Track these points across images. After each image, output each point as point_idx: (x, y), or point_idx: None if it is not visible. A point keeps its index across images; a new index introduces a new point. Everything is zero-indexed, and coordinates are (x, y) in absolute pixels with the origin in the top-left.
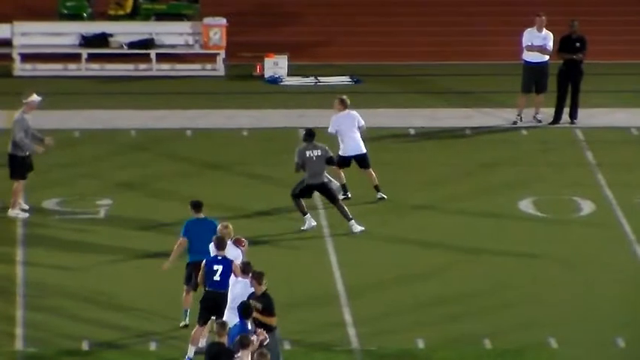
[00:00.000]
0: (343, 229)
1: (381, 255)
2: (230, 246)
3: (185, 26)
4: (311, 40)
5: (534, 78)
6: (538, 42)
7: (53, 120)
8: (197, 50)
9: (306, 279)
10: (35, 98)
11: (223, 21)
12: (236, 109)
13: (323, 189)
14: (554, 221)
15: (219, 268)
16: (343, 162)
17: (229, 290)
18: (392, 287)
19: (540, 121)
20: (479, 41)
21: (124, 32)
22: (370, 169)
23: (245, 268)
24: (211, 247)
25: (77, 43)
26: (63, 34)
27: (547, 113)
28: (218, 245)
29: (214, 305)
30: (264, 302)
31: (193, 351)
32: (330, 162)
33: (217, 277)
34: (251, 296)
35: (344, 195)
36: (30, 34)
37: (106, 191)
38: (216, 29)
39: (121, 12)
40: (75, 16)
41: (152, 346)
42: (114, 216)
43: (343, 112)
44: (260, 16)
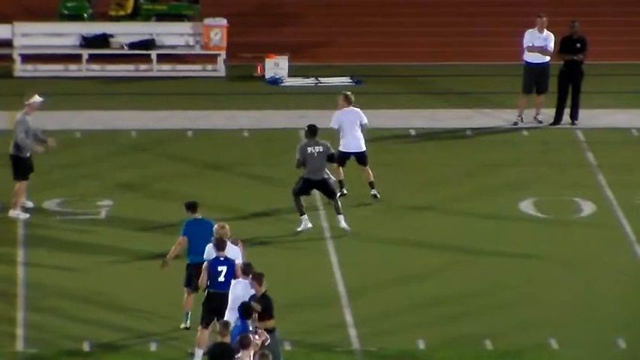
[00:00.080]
0: (349, 225)
1: (382, 256)
2: (230, 246)
3: (186, 27)
4: (311, 41)
5: (535, 79)
6: (539, 43)
7: (54, 121)
8: (198, 51)
9: (306, 280)
10: (37, 99)
11: (224, 22)
12: (237, 110)
13: (322, 185)
14: (554, 222)
15: (223, 269)
16: (342, 158)
17: (230, 291)
18: (392, 288)
19: (541, 122)
20: (480, 42)
21: (125, 33)
22: (368, 167)
23: (246, 269)
24: (209, 248)
25: (78, 44)
26: (63, 35)
27: (548, 114)
28: (219, 246)
29: (219, 306)
30: (263, 303)
31: (202, 353)
32: (331, 159)
33: (222, 279)
34: (252, 297)
35: (340, 192)
36: (30, 35)
37: (107, 192)
38: (216, 30)
39: (122, 12)
40: (75, 17)
41: (153, 347)
42: (114, 217)
43: (347, 109)
44: (261, 17)
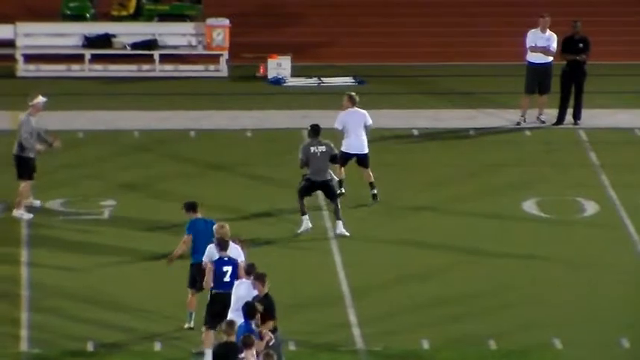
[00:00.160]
0: (348, 231)
1: (385, 256)
2: (232, 246)
3: (188, 27)
4: (314, 41)
5: (538, 79)
6: (542, 43)
7: (56, 121)
8: (200, 51)
9: (310, 280)
10: (41, 100)
11: (226, 22)
12: (239, 110)
13: (325, 186)
14: (557, 222)
15: (228, 270)
16: (344, 159)
17: (233, 292)
18: (396, 288)
19: (544, 122)
20: (482, 42)
21: (127, 33)
22: (369, 170)
23: (249, 270)
24: (211, 249)
25: (80, 44)
26: (66, 35)
27: (550, 114)
28: (222, 246)
29: (223, 308)
30: (265, 304)
31: (211, 353)
32: (334, 160)
33: (227, 279)
34: (255, 298)
35: (339, 191)
36: (33, 35)
37: (110, 192)
38: (219, 30)
39: (124, 13)
40: (78, 17)
41: (157, 347)
42: (117, 217)
43: (351, 110)
44: (263, 17)
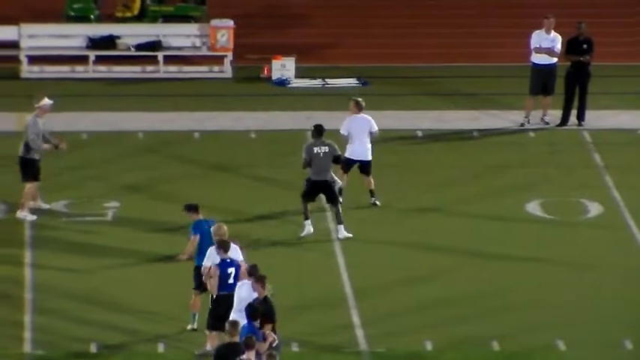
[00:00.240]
0: (350, 232)
1: (388, 257)
2: (232, 247)
3: (192, 28)
4: (318, 42)
5: (542, 80)
6: (546, 44)
7: (60, 122)
8: (204, 52)
9: (313, 281)
10: (47, 102)
11: (230, 23)
12: (243, 111)
13: (326, 188)
14: (561, 223)
15: (232, 271)
16: (347, 165)
17: (235, 293)
18: (399, 289)
19: (548, 123)
20: (486, 43)
21: (132, 34)
22: (370, 177)
23: (251, 271)
24: (212, 251)
25: (84, 45)
26: (70, 36)
27: (554, 115)
28: (224, 248)
29: (228, 308)
30: (264, 307)
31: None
32: (337, 161)
33: (231, 280)
34: (255, 300)
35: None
36: (37, 37)
37: (114, 194)
38: (223, 31)
39: (129, 14)
40: (82, 18)
41: (160, 348)
42: (121, 218)
43: (357, 115)
44: (267, 18)
